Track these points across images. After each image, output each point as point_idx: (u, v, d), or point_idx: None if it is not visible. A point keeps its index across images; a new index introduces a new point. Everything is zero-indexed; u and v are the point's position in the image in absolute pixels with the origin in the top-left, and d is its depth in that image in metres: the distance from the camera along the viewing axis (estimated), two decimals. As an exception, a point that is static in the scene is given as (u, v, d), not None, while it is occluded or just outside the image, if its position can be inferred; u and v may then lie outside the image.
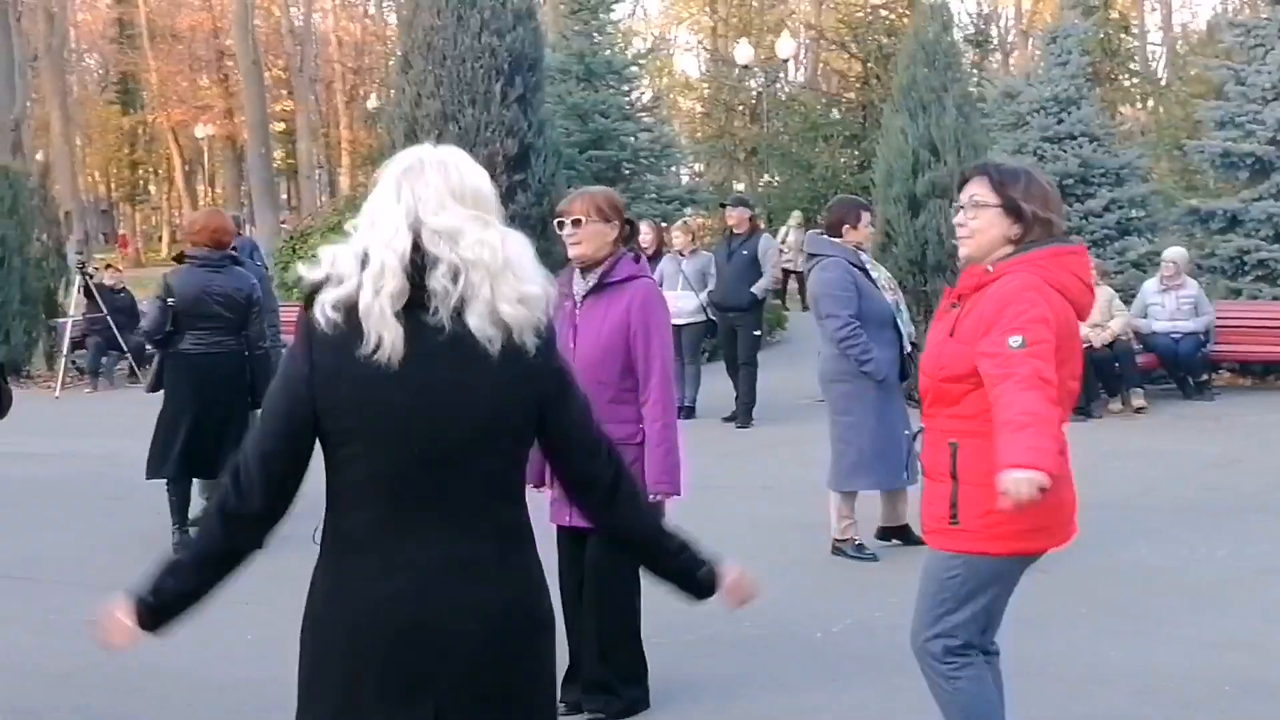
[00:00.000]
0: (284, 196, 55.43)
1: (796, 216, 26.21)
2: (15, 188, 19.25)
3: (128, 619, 2.70)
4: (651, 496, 5.15)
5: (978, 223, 3.95)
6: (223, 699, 5.70)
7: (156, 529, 8.76)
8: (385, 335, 2.53)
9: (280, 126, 55.34)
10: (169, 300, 8.17)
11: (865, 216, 7.86)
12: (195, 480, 8.49)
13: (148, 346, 8.92)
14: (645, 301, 5.18)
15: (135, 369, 18.12)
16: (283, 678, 5.69)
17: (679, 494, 5.23)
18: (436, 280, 2.57)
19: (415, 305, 2.56)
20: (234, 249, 8.74)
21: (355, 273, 2.56)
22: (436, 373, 2.58)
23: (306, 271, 2.62)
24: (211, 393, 8.26)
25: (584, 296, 5.24)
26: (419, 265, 2.57)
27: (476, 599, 2.65)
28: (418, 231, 2.58)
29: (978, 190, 3.96)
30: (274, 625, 6.48)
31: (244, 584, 2.90)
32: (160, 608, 2.71)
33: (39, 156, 38.47)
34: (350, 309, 2.54)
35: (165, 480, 8.32)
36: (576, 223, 5.16)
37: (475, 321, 2.58)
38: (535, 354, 2.65)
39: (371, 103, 49.16)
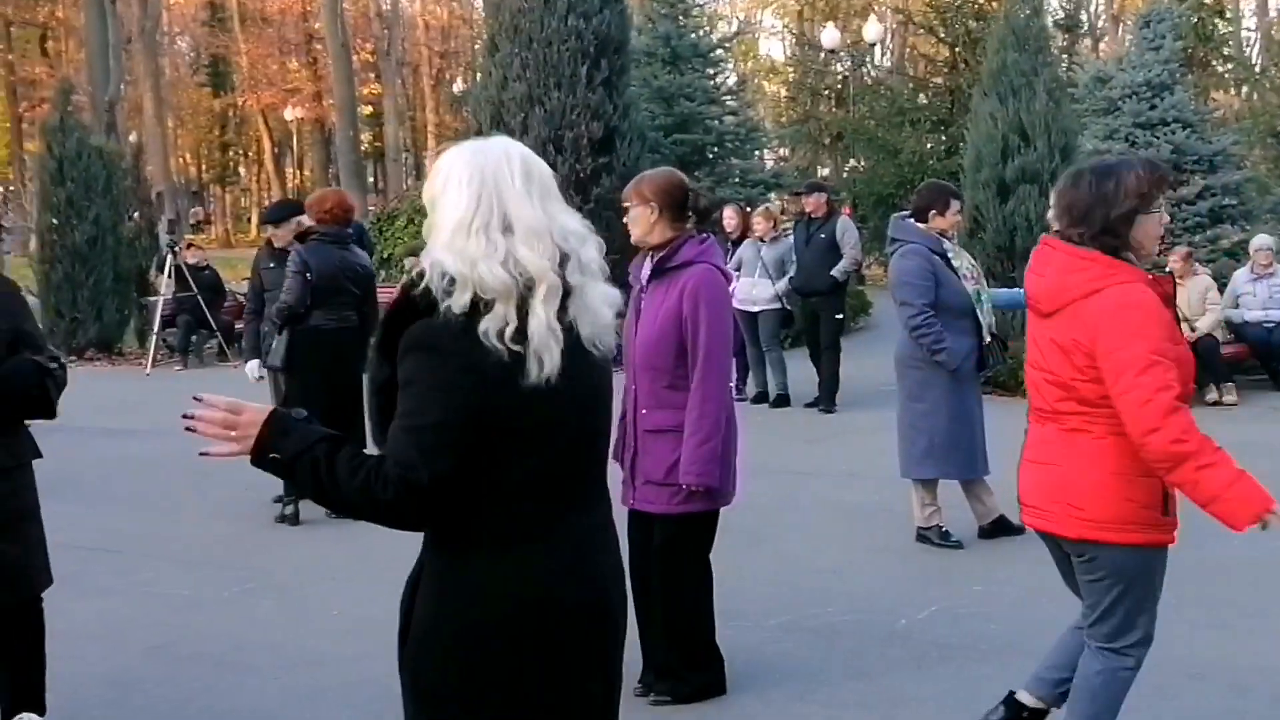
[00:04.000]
0: (370, 179, 55.89)
1: None
2: (109, 168, 19.53)
3: (258, 420, 2.67)
4: (683, 485, 5.10)
5: None
6: (310, 674, 5.77)
7: (245, 505, 8.91)
8: (551, 358, 2.58)
9: (368, 110, 55.76)
10: (308, 275, 8.27)
11: (954, 205, 7.77)
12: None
13: (262, 322, 8.91)
14: (697, 287, 5.05)
15: (224, 348, 18.39)
16: (371, 653, 5.78)
17: (716, 486, 5.11)
18: (572, 277, 2.66)
19: None
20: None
21: (513, 292, 2.57)
22: (576, 360, 2.65)
23: (452, 293, 2.56)
24: (341, 367, 8.42)
25: (648, 280, 5.24)
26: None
27: (614, 564, 2.88)
28: (553, 232, 2.66)
29: None
30: (361, 603, 6.57)
31: (332, 562, 2.93)
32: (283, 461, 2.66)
33: (131, 138, 39.00)
34: (518, 332, 2.57)
35: None
36: (624, 209, 5.20)
37: (589, 317, 2.69)
38: (612, 351, 2.82)
39: (457, 86, 49.45)
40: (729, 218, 13.79)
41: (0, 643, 4.82)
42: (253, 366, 9.01)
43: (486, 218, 2.62)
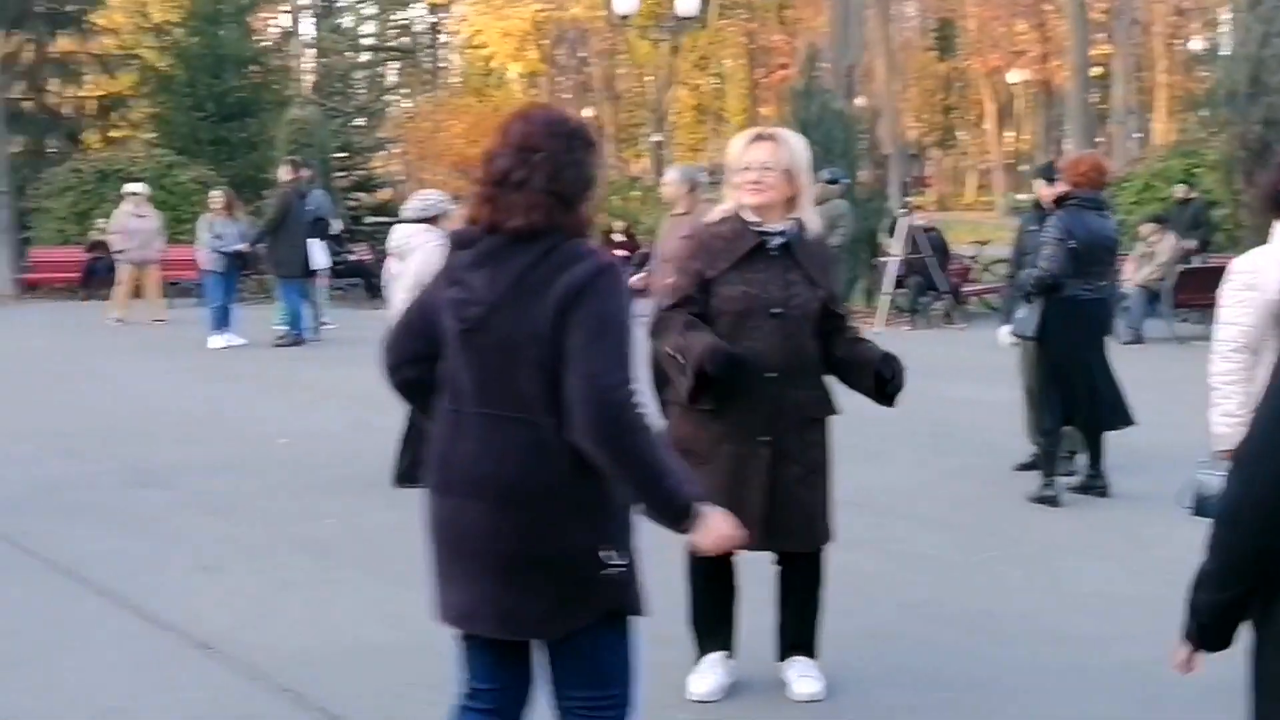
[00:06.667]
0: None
1: None
2: (847, 131, 20.23)
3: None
4: None
5: None
6: (1065, 650, 5.60)
7: (985, 470, 8.91)
8: None
9: (1095, 71, 54.20)
10: (1070, 242, 8.05)
11: None
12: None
13: (1027, 288, 8.66)
14: None
15: (950, 311, 18.54)
16: (1131, 636, 5.59)
17: None
18: None
19: None
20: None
21: None
22: None
23: None
24: (1093, 340, 8.21)
25: None
26: None
27: None
28: None
29: None
30: (1118, 582, 6.32)
31: (1084, 537, 2.75)
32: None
33: (859, 101, 40.10)
34: None
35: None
36: None
37: None
38: None
39: (1196, 44, 46.94)
40: None
41: (785, 586, 5.07)
42: (1004, 331, 8.86)
43: None
